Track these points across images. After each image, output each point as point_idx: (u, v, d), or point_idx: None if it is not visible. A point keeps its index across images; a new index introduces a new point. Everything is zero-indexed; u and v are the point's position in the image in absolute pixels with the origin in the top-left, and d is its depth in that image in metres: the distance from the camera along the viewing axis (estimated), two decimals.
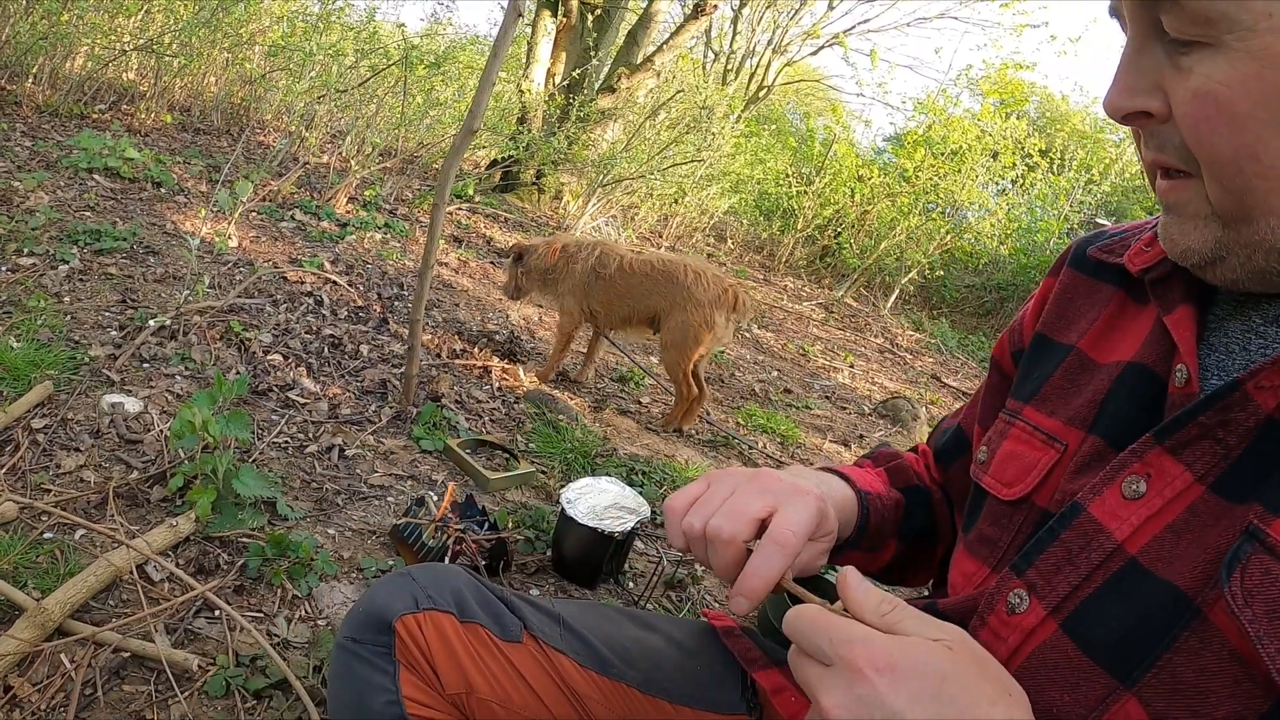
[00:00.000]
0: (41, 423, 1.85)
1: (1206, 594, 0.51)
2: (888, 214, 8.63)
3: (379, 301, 3.38)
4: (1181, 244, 0.56)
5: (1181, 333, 0.59)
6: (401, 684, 0.78)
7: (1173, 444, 0.55)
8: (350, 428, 2.29)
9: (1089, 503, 0.58)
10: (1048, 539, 0.59)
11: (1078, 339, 0.70)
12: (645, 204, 7.73)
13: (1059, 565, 0.58)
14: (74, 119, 4.92)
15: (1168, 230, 0.58)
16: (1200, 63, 0.49)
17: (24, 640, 1.25)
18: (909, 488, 0.89)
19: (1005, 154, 8.31)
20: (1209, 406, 0.54)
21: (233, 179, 4.28)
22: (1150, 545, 0.54)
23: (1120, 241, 0.71)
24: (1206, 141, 0.50)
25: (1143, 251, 0.66)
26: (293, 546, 1.63)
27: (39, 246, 2.80)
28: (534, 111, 6.88)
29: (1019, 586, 0.59)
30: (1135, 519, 0.55)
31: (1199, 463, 0.54)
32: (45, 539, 1.52)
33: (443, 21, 9.65)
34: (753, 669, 0.82)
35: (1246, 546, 0.49)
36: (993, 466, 0.71)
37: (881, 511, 0.83)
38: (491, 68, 2.15)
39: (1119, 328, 0.67)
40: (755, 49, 11.20)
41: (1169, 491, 0.54)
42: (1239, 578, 0.48)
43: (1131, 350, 0.64)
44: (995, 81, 10.58)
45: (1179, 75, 0.50)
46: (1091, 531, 0.57)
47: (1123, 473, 0.57)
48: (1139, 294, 0.67)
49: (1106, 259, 0.71)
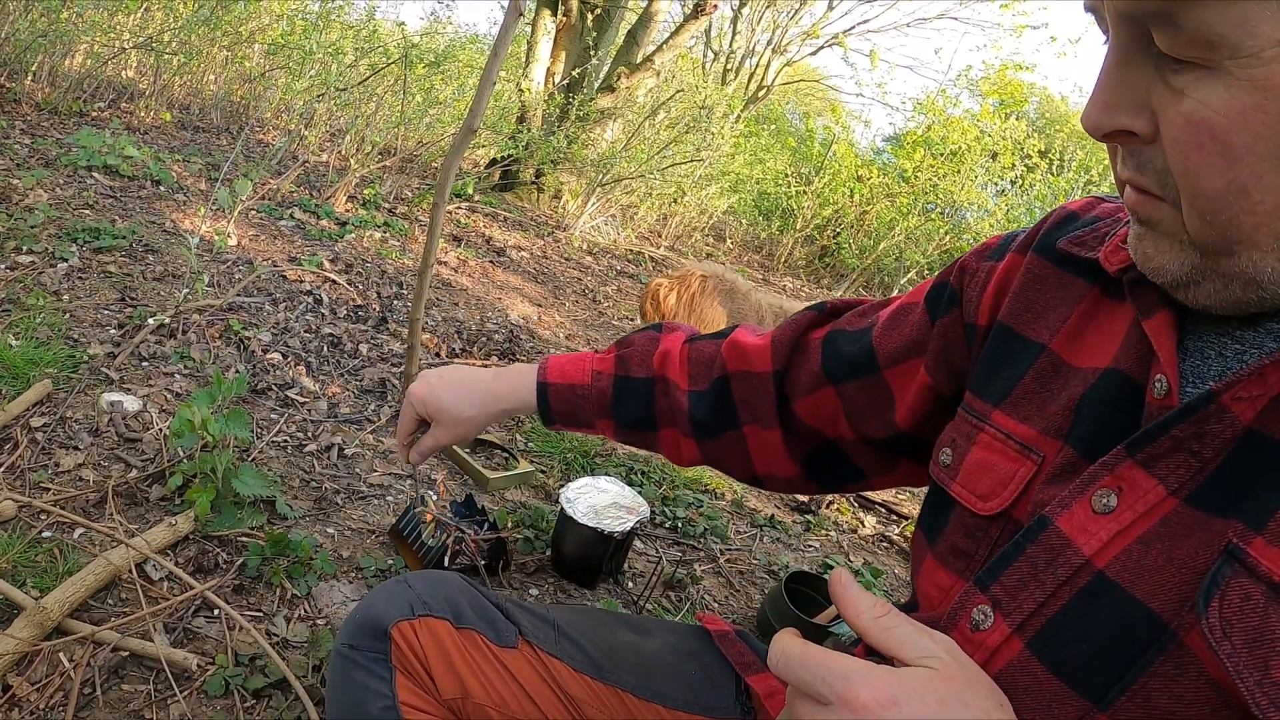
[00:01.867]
0: (40, 421, 1.85)
1: (1182, 618, 0.48)
2: (887, 214, 8.64)
3: (378, 300, 3.37)
4: (1155, 260, 0.53)
5: (1161, 340, 0.55)
6: (398, 689, 0.78)
7: (1145, 457, 0.53)
8: (350, 427, 2.29)
9: (1057, 516, 0.56)
10: (1013, 553, 0.57)
11: (1049, 337, 0.65)
12: (644, 203, 7.73)
13: (1024, 581, 0.56)
14: (73, 117, 4.91)
15: (1140, 244, 0.54)
16: (1195, 86, 0.45)
17: (22, 639, 1.25)
18: (625, 378, 0.95)
19: (1004, 155, 8.31)
20: (1184, 419, 0.51)
21: (232, 177, 4.28)
22: (1119, 558, 0.52)
23: (1091, 232, 0.67)
24: (1194, 172, 0.46)
25: (1119, 249, 0.62)
26: (292, 546, 1.63)
27: (38, 244, 2.80)
28: (533, 110, 6.88)
29: (983, 603, 0.57)
30: (1104, 534, 0.53)
31: (1172, 476, 0.51)
32: (44, 537, 1.52)
33: (442, 20, 9.62)
34: (746, 673, 0.82)
35: (1225, 570, 0.47)
36: (961, 474, 0.66)
37: (571, 400, 0.95)
38: (492, 66, 2.15)
39: (1093, 328, 0.63)
40: (755, 49, 11.21)
41: (1140, 506, 0.52)
42: (1217, 606, 0.46)
43: (1108, 355, 0.61)
44: (995, 82, 10.59)
45: (1170, 96, 0.46)
46: (1058, 546, 0.55)
47: (1093, 486, 0.55)
48: (1113, 289, 0.63)
49: (1078, 253, 0.66)
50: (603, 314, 4.65)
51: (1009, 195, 8.85)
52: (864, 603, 0.52)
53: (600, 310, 4.71)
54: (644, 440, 0.98)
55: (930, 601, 0.67)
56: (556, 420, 0.97)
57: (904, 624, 0.51)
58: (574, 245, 6.12)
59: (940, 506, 0.69)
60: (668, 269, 6.58)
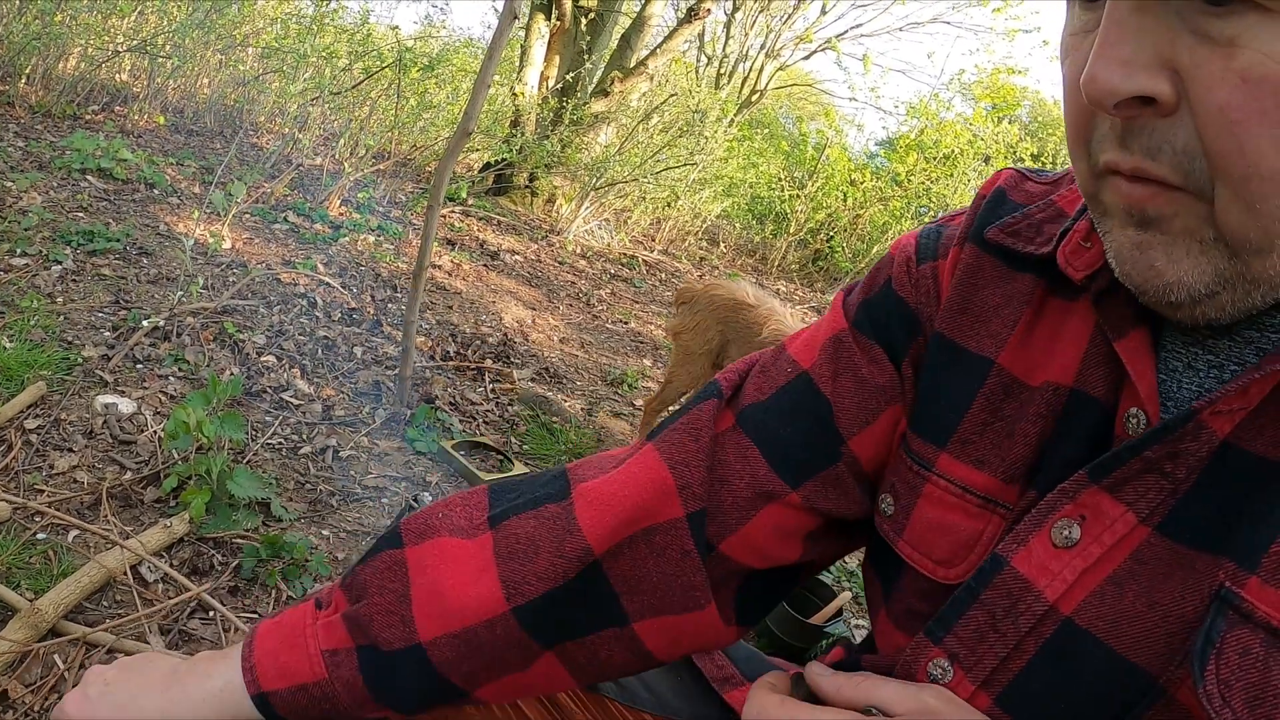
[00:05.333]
0: (35, 423, 1.85)
1: (1171, 673, 0.43)
2: (880, 218, 8.67)
3: (372, 304, 3.38)
4: (1168, 275, 0.41)
5: (1139, 367, 0.47)
6: None
7: (1111, 482, 0.46)
8: (344, 429, 2.30)
9: (1012, 554, 0.48)
10: (966, 600, 0.49)
11: (995, 350, 0.54)
12: (638, 207, 7.74)
13: (982, 632, 0.48)
14: (67, 120, 4.90)
15: (1142, 256, 0.42)
16: (1250, 33, 0.35)
17: (17, 641, 1.25)
18: (372, 650, 0.58)
19: (998, 158, 8.35)
20: (1159, 439, 0.44)
21: (226, 180, 4.28)
22: (1088, 602, 0.45)
23: (1025, 220, 0.55)
24: (1250, 147, 0.36)
25: (1081, 249, 0.51)
26: (287, 548, 1.63)
27: (32, 247, 2.79)
28: (527, 115, 6.89)
29: (938, 655, 0.50)
30: (1069, 573, 0.46)
31: (1142, 501, 0.45)
32: (39, 540, 1.52)
33: (436, 24, 9.66)
34: (724, 689, 0.76)
35: (1219, 623, 0.41)
36: (909, 532, 0.56)
37: (307, 704, 0.58)
38: (486, 70, 2.16)
39: (1044, 333, 0.53)
40: (748, 53, 11.23)
41: (1108, 537, 0.45)
42: (1214, 669, 0.40)
43: (1069, 371, 0.51)
44: (987, 86, 10.64)
45: (1208, 50, 0.36)
46: (1017, 591, 0.47)
47: (1051, 516, 0.47)
48: (1061, 284, 0.52)
49: (1017, 248, 0.54)
50: (596, 317, 4.65)
51: None
52: (846, 686, 0.49)
53: (594, 314, 4.72)
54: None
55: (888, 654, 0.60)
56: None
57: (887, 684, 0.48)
58: (568, 249, 6.13)
59: (886, 561, 0.58)
60: (662, 273, 6.60)
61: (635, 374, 3.68)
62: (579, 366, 3.66)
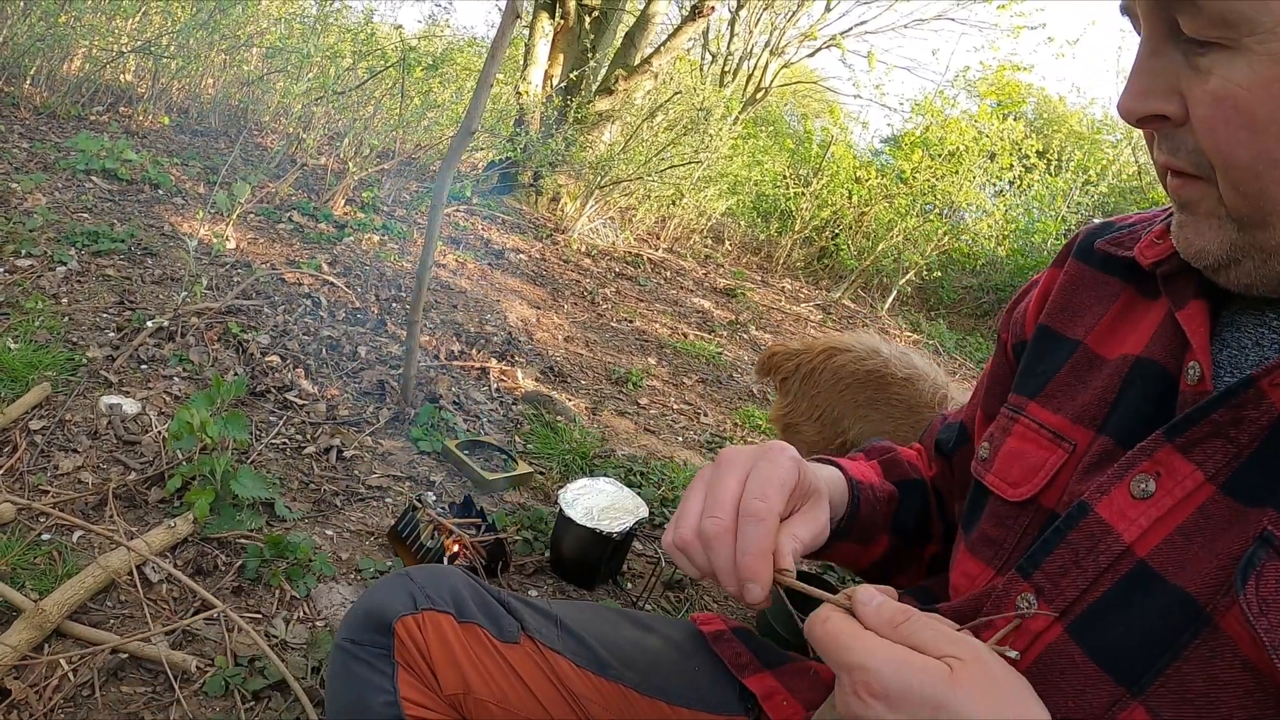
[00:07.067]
0: (39, 424, 1.85)
1: (1218, 601, 0.50)
2: (885, 215, 8.64)
3: (376, 303, 3.38)
4: (1196, 244, 0.55)
5: (1194, 328, 0.57)
6: (400, 685, 0.78)
7: (1184, 442, 0.54)
8: (348, 429, 2.29)
9: (1096, 502, 0.57)
10: (1054, 540, 0.58)
11: (1084, 334, 0.68)
12: (643, 206, 7.73)
13: (1066, 568, 0.57)
14: (71, 120, 4.92)
15: (1182, 230, 0.56)
16: (1219, 64, 0.48)
17: (22, 641, 1.25)
18: (904, 481, 0.86)
19: (1002, 155, 8.31)
20: (1222, 404, 0.52)
21: (230, 181, 4.28)
22: (1160, 548, 0.53)
23: (1129, 234, 0.69)
24: (1224, 146, 0.49)
25: (1154, 244, 0.64)
26: (291, 548, 1.63)
27: (36, 248, 2.80)
28: (531, 113, 6.88)
29: (1027, 589, 0.58)
30: (1144, 520, 0.54)
31: (1210, 462, 0.53)
32: (43, 540, 1.53)
33: (440, 23, 9.64)
34: (742, 675, 0.81)
35: (1261, 552, 0.48)
36: (996, 464, 0.69)
37: (873, 502, 0.80)
38: (489, 69, 2.16)
39: (1127, 324, 0.66)
40: (752, 51, 11.21)
41: (1179, 491, 0.53)
42: (1254, 585, 0.47)
43: (1139, 344, 0.63)
44: (992, 83, 10.59)
45: (1197, 77, 0.49)
46: (1099, 533, 0.56)
47: (1131, 471, 0.56)
48: (1148, 288, 0.65)
49: (1115, 252, 0.69)
50: (601, 316, 4.65)
51: (1007, 196, 8.86)
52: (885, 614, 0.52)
53: (599, 312, 4.71)
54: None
55: (958, 590, 0.69)
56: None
57: (927, 628, 0.50)
58: (572, 247, 6.12)
59: (976, 501, 0.71)
60: (667, 271, 6.59)
61: (640, 373, 3.67)
62: (584, 365, 3.66)
